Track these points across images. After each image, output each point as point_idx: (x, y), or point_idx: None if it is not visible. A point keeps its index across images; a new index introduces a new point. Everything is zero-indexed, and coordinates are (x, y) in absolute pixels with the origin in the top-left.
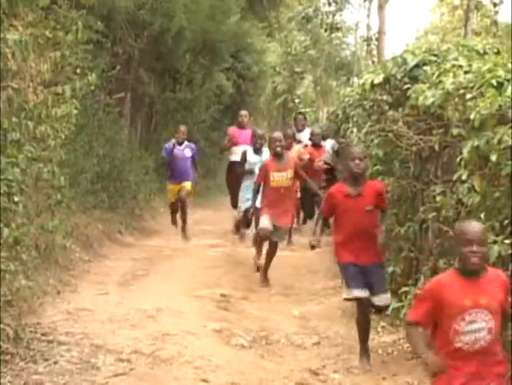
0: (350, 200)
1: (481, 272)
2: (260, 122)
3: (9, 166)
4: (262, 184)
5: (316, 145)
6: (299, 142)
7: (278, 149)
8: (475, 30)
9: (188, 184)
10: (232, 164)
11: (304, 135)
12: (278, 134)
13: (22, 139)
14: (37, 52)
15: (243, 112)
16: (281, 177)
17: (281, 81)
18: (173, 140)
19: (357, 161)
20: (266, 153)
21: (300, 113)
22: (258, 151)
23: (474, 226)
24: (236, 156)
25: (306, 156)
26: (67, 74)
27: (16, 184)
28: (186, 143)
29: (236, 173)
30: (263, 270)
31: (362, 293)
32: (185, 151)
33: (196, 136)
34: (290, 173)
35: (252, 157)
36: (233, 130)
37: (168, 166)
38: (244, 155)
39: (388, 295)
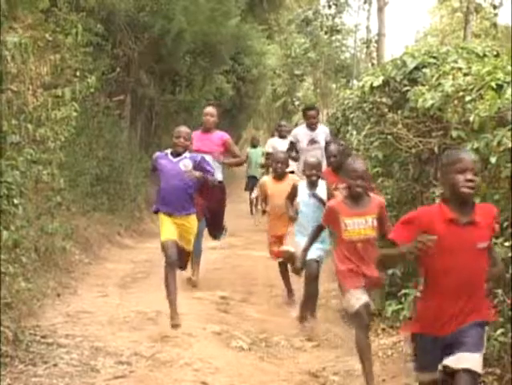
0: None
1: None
2: (260, 124)
3: (8, 168)
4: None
5: (336, 168)
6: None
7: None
8: (474, 32)
9: (191, 222)
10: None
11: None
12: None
13: (21, 142)
14: (37, 55)
15: (208, 109)
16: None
17: (281, 83)
18: (167, 151)
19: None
20: (322, 188)
21: (311, 108)
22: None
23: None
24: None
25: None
26: (67, 76)
27: (16, 187)
28: (187, 154)
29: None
30: None
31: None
32: (182, 165)
33: None
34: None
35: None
36: (194, 134)
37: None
38: (294, 190)
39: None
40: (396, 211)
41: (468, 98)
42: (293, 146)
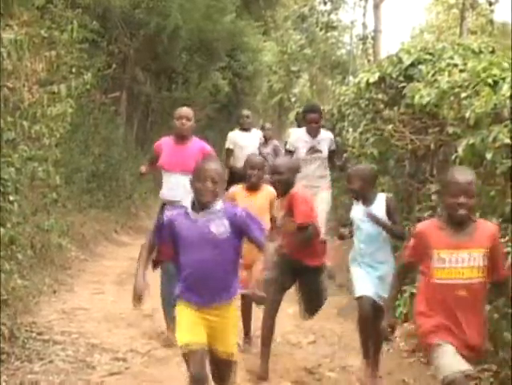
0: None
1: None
2: (256, 121)
3: (4, 165)
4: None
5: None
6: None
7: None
8: (470, 29)
9: (231, 312)
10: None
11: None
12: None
13: (17, 139)
14: (32, 51)
15: (182, 111)
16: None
17: (277, 80)
18: (184, 203)
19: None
20: (380, 203)
21: (312, 110)
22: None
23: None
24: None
25: None
26: (63, 73)
27: (11, 184)
28: (218, 205)
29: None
30: None
31: None
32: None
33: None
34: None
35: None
36: (164, 144)
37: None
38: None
39: None
40: None
41: (464, 94)
42: (291, 156)
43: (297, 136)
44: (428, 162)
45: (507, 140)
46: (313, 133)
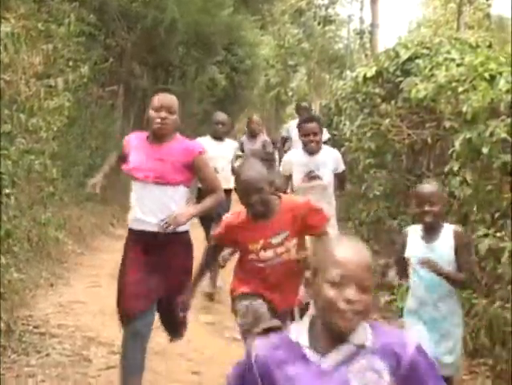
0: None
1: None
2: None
3: (1, 158)
4: None
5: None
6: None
7: None
8: (468, 23)
9: None
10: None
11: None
12: None
13: (14, 132)
14: (29, 44)
15: (161, 99)
16: None
17: (274, 74)
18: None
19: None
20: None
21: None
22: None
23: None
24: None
25: None
26: (60, 66)
27: (8, 177)
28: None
29: None
30: None
31: None
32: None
33: (187, 130)
34: None
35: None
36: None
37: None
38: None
39: None
40: (388, 202)
41: (461, 89)
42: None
43: (289, 159)
44: (425, 156)
45: (504, 135)
46: (311, 151)
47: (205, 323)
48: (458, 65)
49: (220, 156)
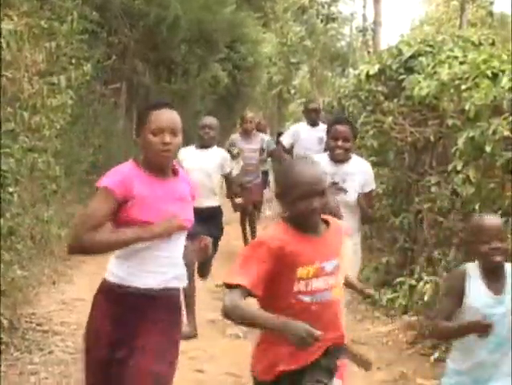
0: None
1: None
2: (255, 113)
3: (4, 156)
4: None
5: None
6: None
7: None
8: (470, 20)
9: None
10: None
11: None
12: None
13: (17, 130)
14: (32, 42)
15: (164, 115)
16: None
17: (276, 71)
18: None
19: None
20: None
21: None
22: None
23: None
24: None
25: None
26: (63, 64)
27: (11, 175)
28: None
29: None
30: None
31: None
32: None
33: (191, 128)
34: None
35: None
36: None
37: None
38: None
39: None
40: (391, 199)
41: (463, 86)
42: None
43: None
44: (428, 154)
45: (507, 133)
46: (338, 159)
47: (206, 321)
48: (461, 63)
49: (200, 168)
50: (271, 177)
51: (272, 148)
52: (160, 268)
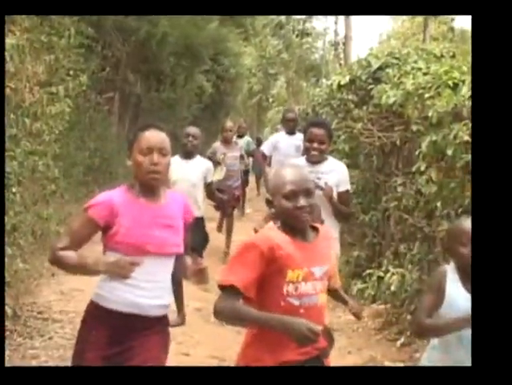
0: None
1: None
2: (236, 120)
3: (7, 159)
4: None
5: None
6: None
7: None
8: (433, 35)
9: None
10: None
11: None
12: None
13: (19, 135)
14: (33, 55)
15: (152, 139)
16: None
17: (256, 82)
18: None
19: None
20: None
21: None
22: None
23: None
24: None
25: None
26: (61, 75)
27: (14, 176)
28: None
29: None
30: None
31: None
32: None
33: (178, 134)
34: None
35: None
36: (119, 197)
37: None
38: None
39: None
40: (361, 198)
41: (427, 95)
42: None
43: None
44: (394, 157)
45: (466, 138)
46: (313, 160)
47: (193, 309)
48: (424, 74)
49: (185, 178)
50: (251, 176)
51: (252, 149)
52: (148, 291)
